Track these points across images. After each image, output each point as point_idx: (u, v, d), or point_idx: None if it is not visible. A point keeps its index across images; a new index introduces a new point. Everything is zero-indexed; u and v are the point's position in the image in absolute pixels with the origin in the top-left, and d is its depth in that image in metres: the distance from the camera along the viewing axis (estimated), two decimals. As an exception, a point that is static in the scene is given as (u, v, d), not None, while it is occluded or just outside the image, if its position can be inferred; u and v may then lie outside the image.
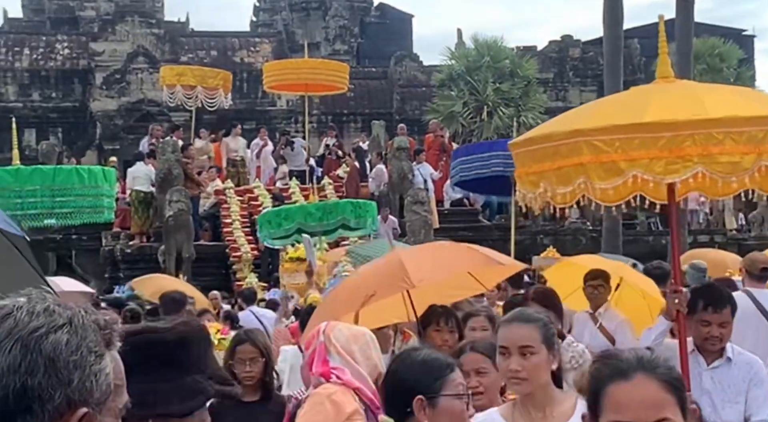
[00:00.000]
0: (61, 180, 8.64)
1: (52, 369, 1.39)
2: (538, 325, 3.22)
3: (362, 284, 5.55)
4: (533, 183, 4.89)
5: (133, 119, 29.11)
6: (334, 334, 3.59)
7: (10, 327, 1.40)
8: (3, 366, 1.38)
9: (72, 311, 1.46)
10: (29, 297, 1.47)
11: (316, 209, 14.36)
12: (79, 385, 1.41)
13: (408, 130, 24.62)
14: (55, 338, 1.41)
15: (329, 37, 39.58)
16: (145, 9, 33.64)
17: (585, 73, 33.67)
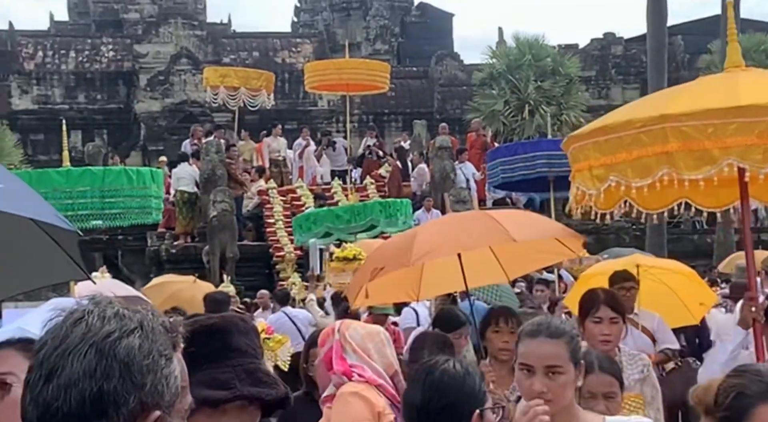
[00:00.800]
0: (110, 181, 8.75)
1: (126, 374, 1.40)
2: (566, 340, 2.88)
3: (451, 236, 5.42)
4: (599, 178, 4.43)
5: (177, 120, 29.41)
6: (349, 332, 3.64)
7: (84, 332, 1.42)
8: (79, 371, 1.39)
9: (141, 314, 1.48)
10: (97, 301, 1.48)
11: (344, 212, 14.42)
12: (152, 389, 1.43)
13: (449, 129, 24.60)
14: (129, 342, 1.42)
15: (370, 37, 39.65)
16: (187, 11, 33.98)
17: (628, 71, 33.39)
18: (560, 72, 27.58)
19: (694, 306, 7.11)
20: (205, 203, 18.95)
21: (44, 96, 30.73)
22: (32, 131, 29.87)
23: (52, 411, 1.39)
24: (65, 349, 1.41)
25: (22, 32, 33.24)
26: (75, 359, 1.39)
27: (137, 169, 9.24)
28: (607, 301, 4.74)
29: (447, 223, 5.95)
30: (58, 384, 1.39)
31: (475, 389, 2.65)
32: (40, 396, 1.40)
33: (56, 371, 1.40)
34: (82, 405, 1.38)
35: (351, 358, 3.58)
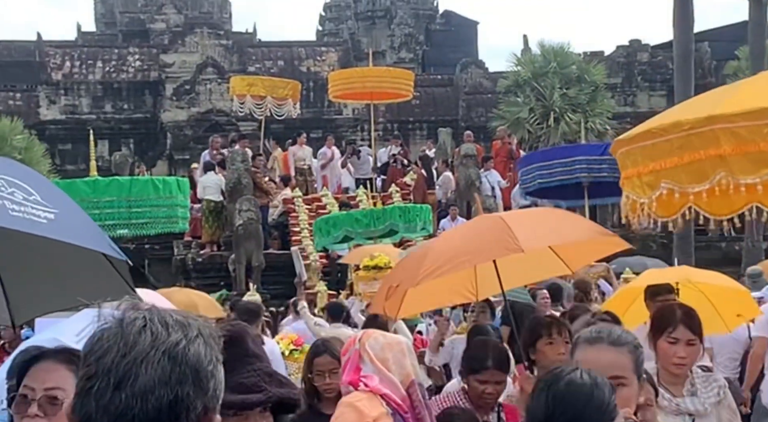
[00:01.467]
0: (137, 191, 8.82)
1: (196, 380, 1.44)
2: (629, 349, 2.64)
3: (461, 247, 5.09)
4: (650, 185, 4.12)
5: (203, 129, 29.54)
6: (369, 342, 3.65)
7: (152, 340, 1.43)
8: (154, 378, 1.41)
9: (197, 322, 1.51)
10: (141, 307, 1.49)
11: (363, 216, 14.40)
12: (213, 394, 1.47)
13: (474, 137, 24.57)
14: (196, 349, 1.45)
15: (395, 45, 39.72)
16: (213, 20, 34.20)
17: (654, 78, 33.19)
18: (586, 79, 27.49)
19: (730, 317, 6.87)
20: (230, 212, 19.02)
21: (72, 106, 30.99)
22: (60, 140, 30.13)
23: (128, 419, 1.40)
24: (136, 357, 1.41)
25: (50, 43, 33.55)
26: (149, 366, 1.41)
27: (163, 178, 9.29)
28: (686, 321, 4.27)
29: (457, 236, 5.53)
30: (133, 392, 1.40)
31: (605, 401, 2.34)
32: (111, 405, 1.40)
33: (128, 378, 1.40)
34: (158, 411, 1.40)
35: (367, 368, 3.59)
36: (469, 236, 5.31)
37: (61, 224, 2.70)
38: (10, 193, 2.65)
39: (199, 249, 19.90)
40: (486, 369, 4.47)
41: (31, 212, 2.63)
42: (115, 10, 40.20)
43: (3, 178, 2.72)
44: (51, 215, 2.68)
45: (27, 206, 2.64)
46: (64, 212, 2.78)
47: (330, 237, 14.48)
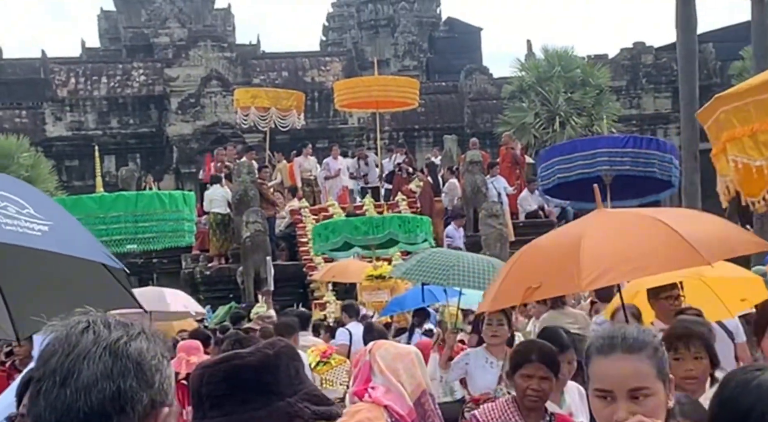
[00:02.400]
0: (143, 206, 8.83)
1: (139, 373, 1.50)
2: (648, 353, 2.32)
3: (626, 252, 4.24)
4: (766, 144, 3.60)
5: (209, 141, 29.59)
6: (379, 353, 3.65)
7: (94, 338, 1.51)
8: (96, 372, 1.47)
9: (139, 322, 1.58)
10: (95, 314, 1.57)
11: (362, 223, 14.38)
12: (159, 387, 1.53)
13: (480, 143, 24.55)
14: (137, 345, 1.52)
15: (398, 54, 39.76)
16: (217, 33, 34.27)
17: (659, 80, 33.16)
18: (590, 83, 27.48)
19: (733, 302, 6.64)
20: (238, 225, 19.02)
21: (77, 122, 31.08)
22: (67, 157, 30.21)
23: (74, 413, 1.46)
24: (78, 354, 1.48)
25: (55, 60, 33.67)
26: (91, 362, 1.48)
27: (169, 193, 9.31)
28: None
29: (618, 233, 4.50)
30: (77, 387, 1.46)
31: None
32: (57, 401, 1.47)
33: (72, 375, 1.47)
34: (102, 404, 1.46)
35: (377, 379, 3.58)
36: (631, 237, 4.35)
37: (55, 235, 2.71)
38: (2, 207, 2.66)
39: (207, 262, 19.90)
40: (530, 362, 4.31)
41: (25, 226, 2.64)
42: (119, 25, 40.34)
43: None
44: (45, 227, 2.69)
45: (20, 220, 2.65)
46: (58, 224, 2.79)
47: (329, 243, 14.45)
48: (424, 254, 8.19)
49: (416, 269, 7.74)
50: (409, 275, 8.06)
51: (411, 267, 7.94)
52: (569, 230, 4.78)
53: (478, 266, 7.26)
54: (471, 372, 6.46)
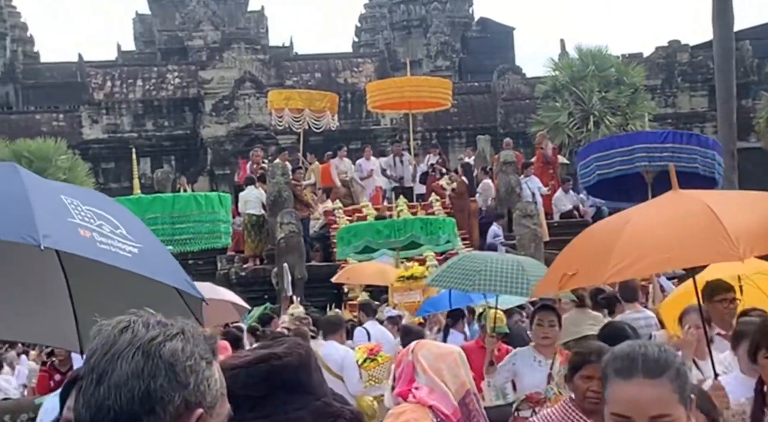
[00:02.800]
0: (180, 207, 8.89)
1: (171, 373, 1.51)
2: (670, 377, 2.16)
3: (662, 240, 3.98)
4: None
5: (242, 143, 29.74)
6: (422, 353, 3.64)
7: (130, 338, 1.53)
8: (127, 372, 1.49)
9: (182, 323, 1.58)
10: (139, 313, 1.59)
11: (384, 227, 14.35)
12: (195, 388, 1.53)
13: (513, 143, 24.45)
14: (172, 345, 1.53)
15: (431, 54, 39.71)
16: (250, 36, 34.46)
17: (695, 78, 32.85)
18: (625, 82, 27.29)
19: None
20: (272, 226, 19.09)
21: (113, 125, 31.38)
22: (103, 159, 30.51)
23: (104, 411, 1.48)
24: (114, 354, 1.51)
25: (91, 63, 34.01)
26: (123, 361, 1.50)
27: (206, 194, 9.37)
28: None
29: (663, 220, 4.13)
30: (109, 386, 1.49)
31: None
32: (92, 398, 1.50)
33: (107, 373, 1.50)
34: (131, 403, 1.48)
35: (420, 379, 3.57)
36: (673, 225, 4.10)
37: (144, 258, 2.79)
38: (98, 225, 2.75)
39: (242, 263, 19.99)
40: (589, 363, 4.15)
41: (118, 246, 2.72)
42: (154, 28, 40.68)
43: (92, 210, 2.81)
44: (135, 249, 2.77)
45: (114, 240, 2.74)
46: (147, 247, 2.87)
47: (351, 247, 14.46)
48: (454, 259, 7.95)
49: (443, 275, 7.55)
50: (437, 282, 7.81)
51: (439, 274, 7.72)
52: (624, 214, 4.46)
53: (507, 269, 7.04)
54: (519, 372, 6.39)
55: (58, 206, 2.78)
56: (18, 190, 2.76)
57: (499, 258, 7.51)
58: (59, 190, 2.98)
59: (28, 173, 3.00)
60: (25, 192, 2.75)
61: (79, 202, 2.85)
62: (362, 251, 14.81)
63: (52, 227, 2.63)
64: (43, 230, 2.56)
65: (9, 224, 2.65)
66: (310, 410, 2.27)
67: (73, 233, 2.67)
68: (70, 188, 3.10)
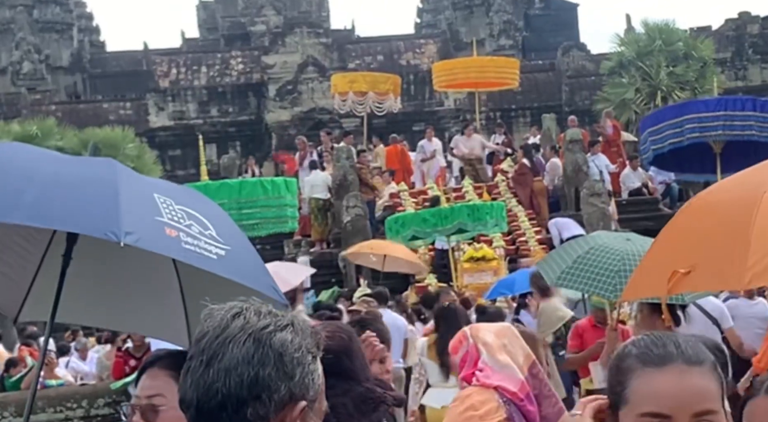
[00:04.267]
0: (246, 193, 8.95)
1: (280, 363, 1.53)
2: (711, 366, 1.73)
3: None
4: None
5: (306, 127, 29.88)
6: (481, 335, 3.60)
7: (242, 324, 1.55)
8: (238, 357, 1.52)
9: (292, 315, 1.61)
10: (249, 301, 1.62)
11: (431, 216, 14.30)
12: (300, 381, 1.55)
13: (579, 121, 24.12)
14: (282, 335, 1.55)
15: (494, 33, 39.34)
16: (312, 19, 34.52)
17: (766, 50, 32.06)
18: (693, 56, 26.73)
19: None
20: (338, 209, 19.13)
21: (179, 112, 31.77)
22: (169, 146, 30.92)
23: (212, 392, 1.51)
24: (226, 338, 1.54)
25: (156, 51, 34.48)
26: (235, 346, 1.53)
27: (272, 179, 9.41)
28: None
29: None
30: (219, 368, 1.52)
31: None
32: (201, 379, 1.53)
33: (217, 356, 1.53)
34: (240, 387, 1.51)
35: (486, 360, 3.54)
36: None
37: (230, 261, 2.80)
38: (187, 225, 2.78)
39: (309, 247, 20.10)
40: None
41: (204, 247, 2.74)
42: (217, 15, 41.00)
43: (184, 210, 2.85)
44: (222, 251, 2.78)
45: (201, 241, 2.76)
46: (235, 250, 2.88)
47: (399, 236, 14.48)
48: (580, 252, 6.33)
49: (575, 274, 6.17)
50: (565, 282, 6.35)
51: (568, 271, 6.25)
52: (751, 180, 3.03)
53: None
54: None
55: (149, 203, 2.81)
56: (110, 186, 2.80)
57: (639, 252, 5.94)
58: (154, 187, 3.00)
59: (125, 169, 3.05)
60: (116, 188, 2.78)
61: (172, 201, 2.87)
62: (411, 239, 14.82)
63: (137, 224, 2.66)
64: (126, 226, 2.59)
65: (94, 220, 2.68)
66: (352, 396, 2.27)
67: (159, 232, 2.70)
68: (166, 186, 3.13)
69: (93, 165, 3.09)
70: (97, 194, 2.79)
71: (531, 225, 18.97)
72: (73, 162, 3.18)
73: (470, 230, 14.30)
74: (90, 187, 2.82)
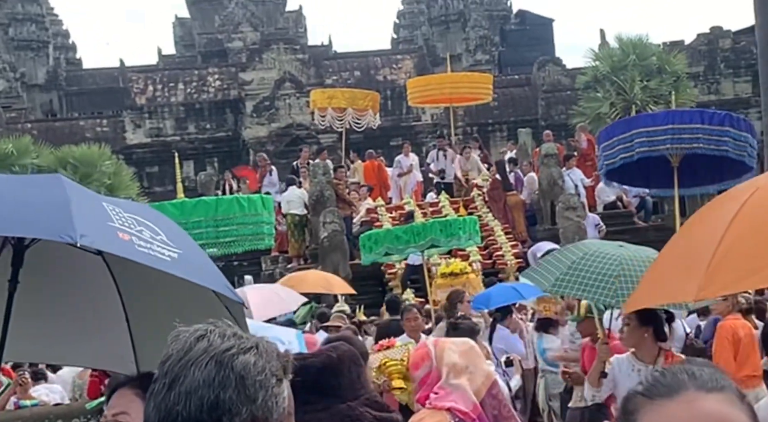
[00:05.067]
0: (223, 210, 8.96)
1: (241, 386, 1.52)
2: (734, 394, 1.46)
3: None
4: None
5: (284, 143, 29.91)
6: (446, 356, 3.60)
7: (206, 346, 1.55)
8: (199, 380, 1.51)
9: (257, 338, 1.60)
10: (216, 324, 1.61)
11: (403, 233, 14.36)
12: (263, 403, 1.53)
13: (555, 135, 24.29)
14: (245, 358, 1.54)
15: (470, 48, 39.58)
16: (289, 36, 34.61)
17: (737, 64, 32.41)
18: (666, 70, 26.99)
19: None
20: (315, 225, 19.16)
21: (156, 129, 31.71)
22: (146, 163, 30.84)
23: (173, 415, 1.50)
24: (188, 360, 1.53)
25: (133, 68, 34.43)
26: (197, 369, 1.52)
27: (248, 196, 9.44)
28: None
29: None
30: (180, 391, 1.51)
31: None
32: (163, 402, 1.52)
33: (179, 379, 1.52)
34: (200, 410, 1.50)
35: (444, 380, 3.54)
36: None
37: (183, 263, 2.83)
38: (138, 230, 2.80)
39: (286, 263, 20.09)
40: None
41: (157, 250, 2.76)
42: (193, 31, 41.03)
43: (134, 217, 2.87)
44: (175, 254, 2.81)
45: (153, 244, 2.78)
46: (186, 253, 2.91)
47: (373, 254, 14.58)
48: (574, 258, 6.09)
49: (571, 280, 5.91)
50: (562, 288, 6.05)
51: (563, 278, 5.98)
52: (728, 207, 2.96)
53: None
54: (617, 383, 5.71)
55: (99, 210, 2.83)
56: (59, 195, 2.81)
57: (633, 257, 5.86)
58: (101, 198, 3.04)
59: (71, 182, 3.05)
60: (67, 197, 2.80)
61: (120, 209, 2.89)
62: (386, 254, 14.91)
63: (91, 227, 2.66)
64: (80, 229, 2.59)
65: (47, 224, 2.68)
66: (331, 412, 2.29)
67: (112, 235, 2.71)
68: (112, 199, 3.15)
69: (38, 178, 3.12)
70: (47, 200, 2.78)
71: (507, 239, 19.09)
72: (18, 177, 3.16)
73: (443, 245, 14.38)
74: (39, 194, 2.82)
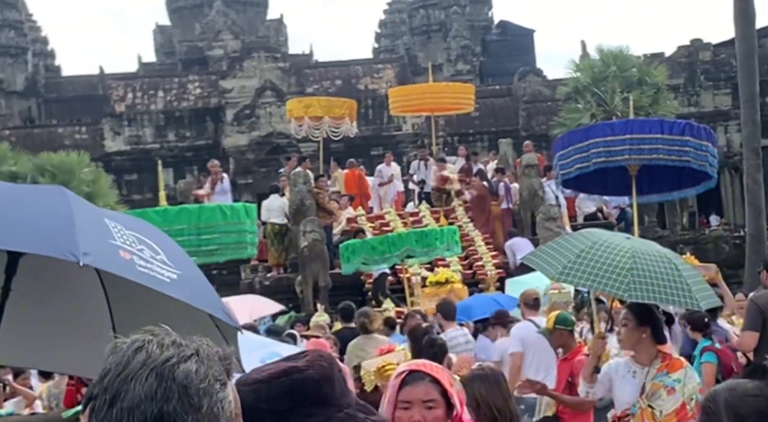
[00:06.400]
0: (206, 218, 8.89)
1: (185, 396, 1.49)
2: None
3: None
4: None
5: (264, 152, 29.80)
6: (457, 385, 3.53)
7: (144, 359, 1.51)
8: (141, 394, 1.48)
9: (197, 343, 1.57)
10: (154, 332, 1.57)
11: (379, 243, 14.42)
12: (208, 411, 1.50)
13: (536, 145, 24.35)
14: (186, 367, 1.51)
15: (451, 58, 39.66)
16: (270, 44, 34.56)
17: (717, 77, 32.63)
18: (647, 81, 27.13)
19: None
20: (295, 234, 19.08)
21: (136, 137, 31.53)
22: (126, 171, 30.64)
23: None
24: (127, 375, 1.49)
25: (112, 76, 34.23)
26: (137, 383, 1.48)
27: (231, 205, 9.36)
28: None
29: None
30: (122, 407, 1.48)
31: None
32: (105, 419, 1.49)
33: (120, 395, 1.49)
34: None
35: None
36: None
37: (182, 284, 2.83)
38: (139, 249, 2.79)
39: (266, 272, 20.00)
40: None
41: (157, 270, 2.76)
42: (174, 39, 40.88)
43: (135, 235, 2.86)
44: (174, 275, 2.81)
45: (154, 264, 2.78)
46: (186, 274, 2.91)
47: (350, 264, 14.61)
48: (583, 247, 5.79)
49: (581, 269, 5.66)
50: (571, 276, 5.76)
51: (572, 266, 5.71)
52: None
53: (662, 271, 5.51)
54: (614, 386, 5.63)
55: (101, 227, 2.82)
56: (63, 210, 2.81)
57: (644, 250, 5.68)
58: (103, 214, 3.04)
59: (75, 196, 3.05)
60: (70, 212, 2.79)
61: (122, 226, 2.88)
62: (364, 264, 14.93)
63: (93, 246, 2.66)
64: (83, 248, 2.59)
65: (51, 241, 2.68)
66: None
67: (114, 254, 2.71)
68: (113, 213, 3.18)
69: (43, 190, 3.09)
70: (52, 217, 2.78)
71: (488, 249, 19.08)
72: (22, 188, 3.17)
73: (418, 255, 14.39)
74: (42, 207, 2.82)
